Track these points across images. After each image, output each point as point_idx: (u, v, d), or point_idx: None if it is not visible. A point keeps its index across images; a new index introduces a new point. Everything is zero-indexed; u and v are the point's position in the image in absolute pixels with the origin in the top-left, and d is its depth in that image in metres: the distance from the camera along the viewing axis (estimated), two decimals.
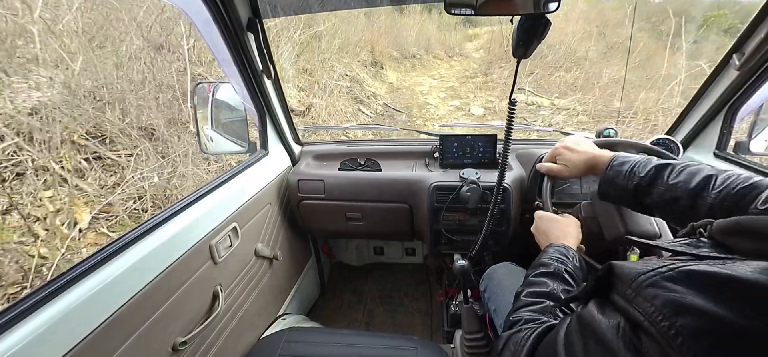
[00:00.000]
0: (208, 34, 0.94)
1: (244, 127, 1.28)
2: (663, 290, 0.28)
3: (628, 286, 0.32)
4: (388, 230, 1.35)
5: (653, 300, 0.29)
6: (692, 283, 0.28)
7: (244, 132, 1.28)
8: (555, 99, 5.12)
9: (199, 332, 0.87)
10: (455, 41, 8.73)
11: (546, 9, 0.58)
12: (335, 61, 5.22)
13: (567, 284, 0.59)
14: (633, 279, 0.31)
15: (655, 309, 0.28)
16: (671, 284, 0.28)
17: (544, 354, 0.43)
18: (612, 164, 0.72)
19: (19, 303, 0.56)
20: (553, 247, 0.68)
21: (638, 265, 0.33)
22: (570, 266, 0.63)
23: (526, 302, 0.57)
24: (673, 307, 0.27)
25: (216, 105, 1.23)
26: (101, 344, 0.63)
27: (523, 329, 0.50)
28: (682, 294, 0.27)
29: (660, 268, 0.30)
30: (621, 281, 0.33)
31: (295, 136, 1.46)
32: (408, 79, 6.67)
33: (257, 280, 1.18)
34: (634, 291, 0.31)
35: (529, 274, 0.63)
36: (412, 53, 7.50)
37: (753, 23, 0.88)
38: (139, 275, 0.71)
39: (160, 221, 0.80)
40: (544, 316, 0.52)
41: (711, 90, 1.08)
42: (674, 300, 0.27)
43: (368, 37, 6.41)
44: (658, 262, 0.32)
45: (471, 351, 1.04)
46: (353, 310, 1.70)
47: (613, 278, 0.35)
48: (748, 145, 1.12)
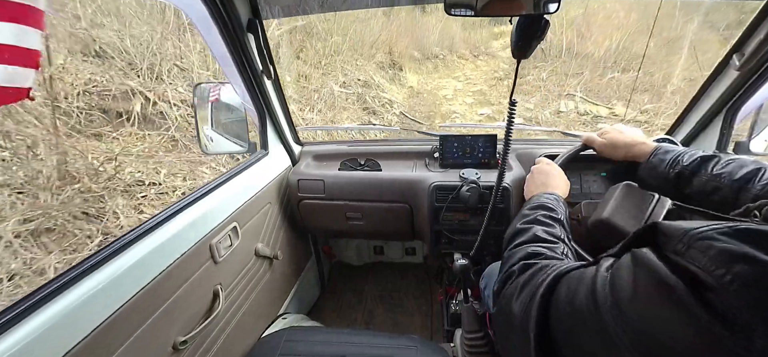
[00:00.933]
0: (208, 34, 0.94)
1: (244, 127, 1.28)
2: (718, 242, 0.28)
3: (678, 240, 0.30)
4: (388, 230, 1.35)
5: (707, 250, 0.28)
6: (749, 238, 0.27)
7: (244, 132, 1.28)
8: (614, 106, 4.54)
9: (199, 331, 0.87)
10: (480, 39, 8.11)
11: (546, 10, 0.58)
12: (345, 64, 4.89)
13: (567, 233, 0.60)
14: (684, 233, 0.30)
15: (708, 259, 0.27)
16: (727, 238, 0.28)
17: (572, 282, 0.40)
18: (656, 152, 0.74)
19: (19, 303, 0.56)
20: (548, 194, 0.70)
21: (686, 224, 0.31)
22: (564, 216, 0.65)
23: (540, 238, 0.55)
24: (729, 255, 0.26)
25: (216, 105, 1.23)
26: (102, 344, 0.63)
27: (548, 264, 0.47)
28: (738, 245, 0.27)
29: (715, 225, 0.29)
30: (669, 238, 0.31)
31: (295, 135, 1.46)
32: (430, 81, 6.16)
33: (257, 280, 1.18)
34: (686, 245, 0.29)
35: (535, 214, 0.63)
36: (434, 53, 7.03)
37: (753, 23, 0.88)
38: (140, 275, 0.72)
39: (160, 221, 0.80)
40: (562, 258, 0.52)
41: (711, 90, 1.08)
42: (729, 249, 0.27)
43: (386, 37, 5.96)
44: (710, 221, 0.30)
45: (471, 350, 1.04)
46: (353, 309, 1.70)
47: (659, 237, 0.33)
48: (748, 145, 1.12)
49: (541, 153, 1.16)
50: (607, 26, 5.60)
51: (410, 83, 5.84)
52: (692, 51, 4.39)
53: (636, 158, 0.79)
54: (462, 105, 5.26)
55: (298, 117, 4.02)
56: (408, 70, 6.04)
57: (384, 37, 5.94)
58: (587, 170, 1.19)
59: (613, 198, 0.78)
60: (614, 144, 0.83)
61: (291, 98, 4.13)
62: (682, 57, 4.53)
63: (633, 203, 0.73)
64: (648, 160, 0.74)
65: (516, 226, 0.63)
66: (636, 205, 0.72)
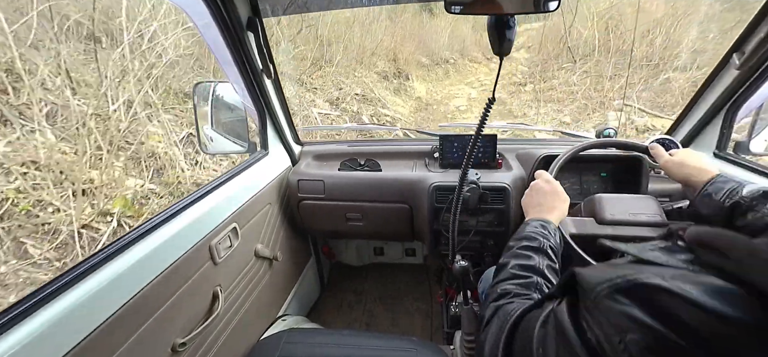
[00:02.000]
0: (208, 33, 0.94)
1: (244, 127, 1.27)
2: (616, 303, 0.29)
3: (588, 297, 0.32)
4: (388, 231, 1.35)
5: (608, 313, 0.29)
6: (641, 296, 0.28)
7: (244, 132, 1.28)
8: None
9: (198, 333, 0.87)
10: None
11: (545, 8, 0.58)
12: (339, 75, 4.37)
13: (551, 260, 0.60)
14: (592, 289, 0.32)
15: (609, 324, 0.29)
16: (622, 297, 0.29)
17: (521, 335, 0.43)
18: (714, 180, 0.69)
19: (19, 303, 0.56)
20: (535, 220, 0.69)
21: (599, 272, 0.33)
22: (552, 242, 0.63)
23: (513, 274, 0.57)
24: (624, 322, 0.27)
25: (216, 104, 1.22)
26: (101, 344, 0.63)
27: (514, 302, 0.50)
28: (631, 307, 0.28)
29: (616, 279, 0.30)
30: (584, 290, 0.33)
31: (295, 136, 1.45)
32: (440, 89, 5.61)
33: (257, 281, 1.18)
34: (594, 303, 0.31)
35: (515, 247, 0.63)
36: (444, 57, 6.55)
37: (753, 23, 0.88)
38: (139, 276, 0.71)
39: (160, 222, 0.80)
40: (530, 291, 0.53)
41: (711, 89, 1.08)
42: (624, 313, 0.28)
43: (390, 43, 5.40)
44: (617, 270, 0.32)
45: (471, 352, 1.04)
46: (353, 310, 1.70)
47: (578, 287, 0.35)
48: (748, 145, 1.12)
49: (542, 153, 1.16)
50: (645, 17, 4.68)
51: (418, 93, 5.33)
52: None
53: (692, 183, 0.75)
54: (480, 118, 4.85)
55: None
56: (415, 78, 5.55)
57: (388, 43, 5.44)
58: (587, 170, 1.19)
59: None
60: (682, 163, 0.78)
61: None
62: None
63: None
64: (705, 187, 0.70)
65: (500, 260, 0.63)
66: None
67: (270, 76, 1.11)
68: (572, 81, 4.81)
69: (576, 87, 4.66)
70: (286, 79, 4.12)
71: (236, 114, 1.27)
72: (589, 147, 0.94)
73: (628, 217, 0.83)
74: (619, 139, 1.01)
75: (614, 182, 1.17)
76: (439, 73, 6.20)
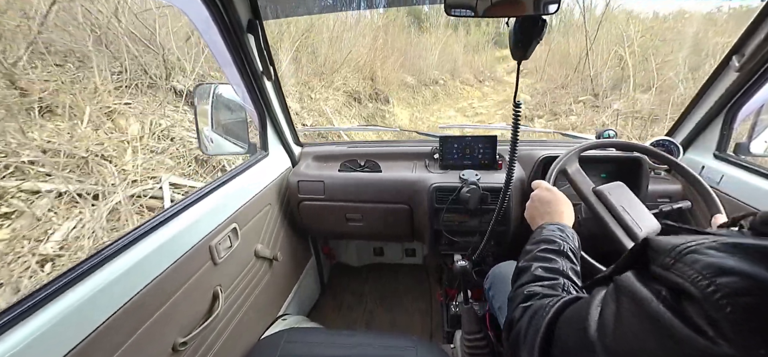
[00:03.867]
0: (209, 35, 0.94)
1: (244, 128, 1.28)
2: (704, 256, 0.28)
3: (666, 255, 0.31)
4: (388, 231, 1.35)
5: (694, 264, 0.28)
6: (735, 251, 0.27)
7: (244, 133, 1.28)
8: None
9: (199, 333, 0.87)
10: (484, 63, 6.90)
11: (546, 10, 0.58)
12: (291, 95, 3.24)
13: (573, 263, 0.58)
14: (673, 248, 0.31)
15: (695, 272, 0.28)
16: (713, 251, 0.28)
17: (567, 324, 0.42)
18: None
19: (19, 303, 0.56)
20: (552, 224, 0.67)
21: (675, 239, 0.32)
22: (571, 244, 0.62)
23: (537, 277, 0.55)
24: (714, 268, 0.27)
25: (216, 106, 1.23)
26: (101, 345, 0.63)
27: (544, 302, 0.48)
28: (723, 258, 0.27)
29: (701, 240, 0.30)
30: (658, 253, 0.33)
31: (295, 137, 1.46)
32: (428, 115, 4.72)
33: (257, 281, 1.18)
34: (674, 259, 0.30)
35: (535, 250, 0.62)
36: (433, 78, 5.75)
37: (753, 24, 0.88)
38: (140, 276, 0.71)
39: (160, 222, 0.80)
40: (558, 292, 0.51)
41: (711, 91, 1.08)
42: (715, 263, 0.27)
43: (366, 57, 4.44)
44: (699, 236, 0.31)
45: (471, 351, 1.04)
46: (353, 310, 1.70)
47: (650, 252, 0.34)
48: (749, 147, 1.12)
49: (542, 155, 1.16)
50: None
51: (399, 120, 4.34)
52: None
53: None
54: None
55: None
56: (397, 101, 4.55)
57: (364, 57, 4.38)
58: (587, 171, 1.19)
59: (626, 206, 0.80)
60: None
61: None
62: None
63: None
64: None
65: (519, 265, 0.62)
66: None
67: (270, 78, 1.11)
68: (600, 120, 3.91)
69: (601, 119, 3.79)
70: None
71: (236, 115, 1.27)
72: (588, 148, 0.94)
73: (618, 208, 0.82)
74: (620, 140, 1.01)
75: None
76: (426, 96, 5.37)
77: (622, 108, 4.13)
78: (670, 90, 3.96)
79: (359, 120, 4.42)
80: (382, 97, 4.53)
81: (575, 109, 4.46)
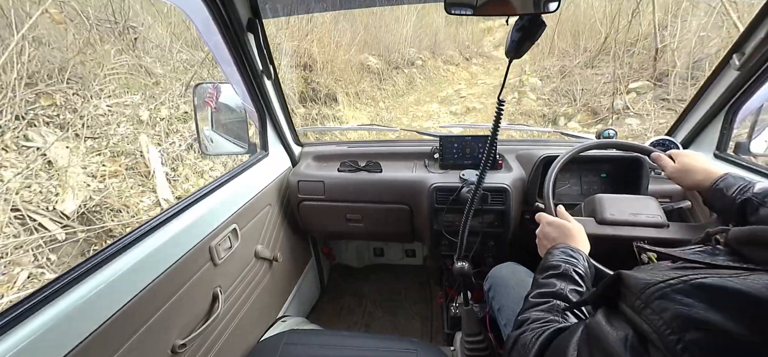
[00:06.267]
0: (208, 34, 0.94)
1: (244, 128, 1.27)
2: (673, 303, 0.28)
3: (636, 297, 0.31)
4: (388, 231, 1.34)
5: (662, 313, 0.28)
6: (703, 297, 0.27)
7: (244, 133, 1.28)
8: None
9: (198, 334, 0.86)
10: (470, 37, 5.37)
11: (546, 9, 0.58)
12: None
13: (576, 284, 0.58)
14: (642, 290, 0.31)
15: (663, 322, 0.27)
16: (681, 297, 0.28)
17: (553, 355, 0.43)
18: (725, 177, 0.73)
19: (19, 304, 0.55)
20: (560, 247, 0.67)
21: (647, 275, 0.32)
22: (580, 267, 0.61)
23: (533, 303, 0.56)
24: (683, 321, 0.26)
25: (216, 106, 1.22)
26: (101, 345, 0.63)
27: (532, 328, 0.49)
28: (691, 307, 0.27)
29: (670, 280, 0.29)
30: (630, 291, 0.32)
31: (295, 136, 1.45)
32: (401, 113, 3.34)
33: (257, 282, 1.17)
34: (644, 302, 0.30)
35: (538, 277, 0.63)
36: (408, 58, 4.29)
37: (753, 23, 0.88)
38: (139, 277, 0.71)
39: (159, 222, 0.80)
40: (551, 315, 0.52)
41: (711, 90, 1.08)
42: (683, 313, 0.27)
43: (300, 40, 2.95)
44: (668, 273, 0.31)
45: (471, 353, 1.04)
46: (353, 312, 1.70)
47: (622, 288, 0.34)
48: (749, 146, 1.12)
49: (542, 154, 1.16)
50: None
51: (350, 134, 2.58)
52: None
53: (702, 186, 0.77)
54: None
55: None
56: (349, 100, 3.02)
57: (297, 37, 2.78)
58: (587, 171, 1.19)
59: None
60: (687, 170, 0.80)
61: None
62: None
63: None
64: (716, 183, 0.73)
65: (526, 294, 0.62)
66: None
67: (270, 78, 1.11)
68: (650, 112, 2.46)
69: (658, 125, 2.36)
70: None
71: (236, 115, 1.27)
72: (588, 148, 0.94)
73: (628, 217, 0.83)
74: (620, 141, 1.01)
75: (614, 183, 1.17)
76: (399, 84, 3.79)
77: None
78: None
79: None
80: (321, 99, 3.01)
81: (628, 102, 2.59)
